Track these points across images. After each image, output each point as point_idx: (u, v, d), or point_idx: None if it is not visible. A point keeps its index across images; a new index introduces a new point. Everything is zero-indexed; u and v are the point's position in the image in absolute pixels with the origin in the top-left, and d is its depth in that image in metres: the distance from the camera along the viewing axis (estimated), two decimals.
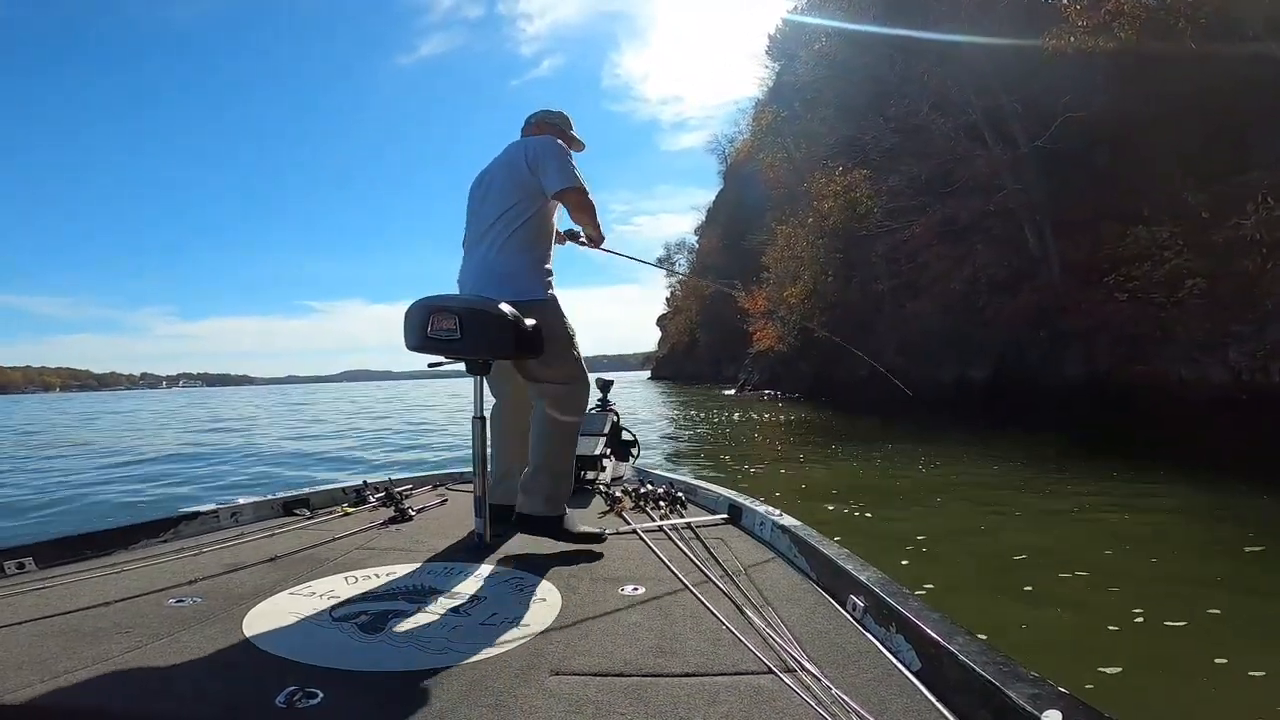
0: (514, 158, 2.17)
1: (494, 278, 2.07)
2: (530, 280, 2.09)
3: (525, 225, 2.11)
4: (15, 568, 1.72)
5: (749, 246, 34.02)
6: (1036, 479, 6.23)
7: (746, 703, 1.07)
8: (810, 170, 20.86)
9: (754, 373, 27.38)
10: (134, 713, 1.06)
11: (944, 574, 3.47)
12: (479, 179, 2.28)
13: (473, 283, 2.13)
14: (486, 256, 2.11)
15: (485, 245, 2.13)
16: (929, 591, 3.09)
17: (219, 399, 56.39)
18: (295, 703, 1.05)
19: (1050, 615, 2.92)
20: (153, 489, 7.33)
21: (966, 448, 8.44)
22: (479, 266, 2.14)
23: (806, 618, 1.43)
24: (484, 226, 2.15)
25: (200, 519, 2.23)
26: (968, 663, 1.03)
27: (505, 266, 2.08)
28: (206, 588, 1.61)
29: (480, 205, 2.21)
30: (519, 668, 1.21)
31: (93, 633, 1.33)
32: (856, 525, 4.52)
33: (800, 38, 22.39)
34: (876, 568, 1.52)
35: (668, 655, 1.26)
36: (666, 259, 65.75)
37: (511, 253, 2.09)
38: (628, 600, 1.57)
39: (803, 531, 1.86)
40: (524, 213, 2.11)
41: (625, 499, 2.54)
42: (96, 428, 19.80)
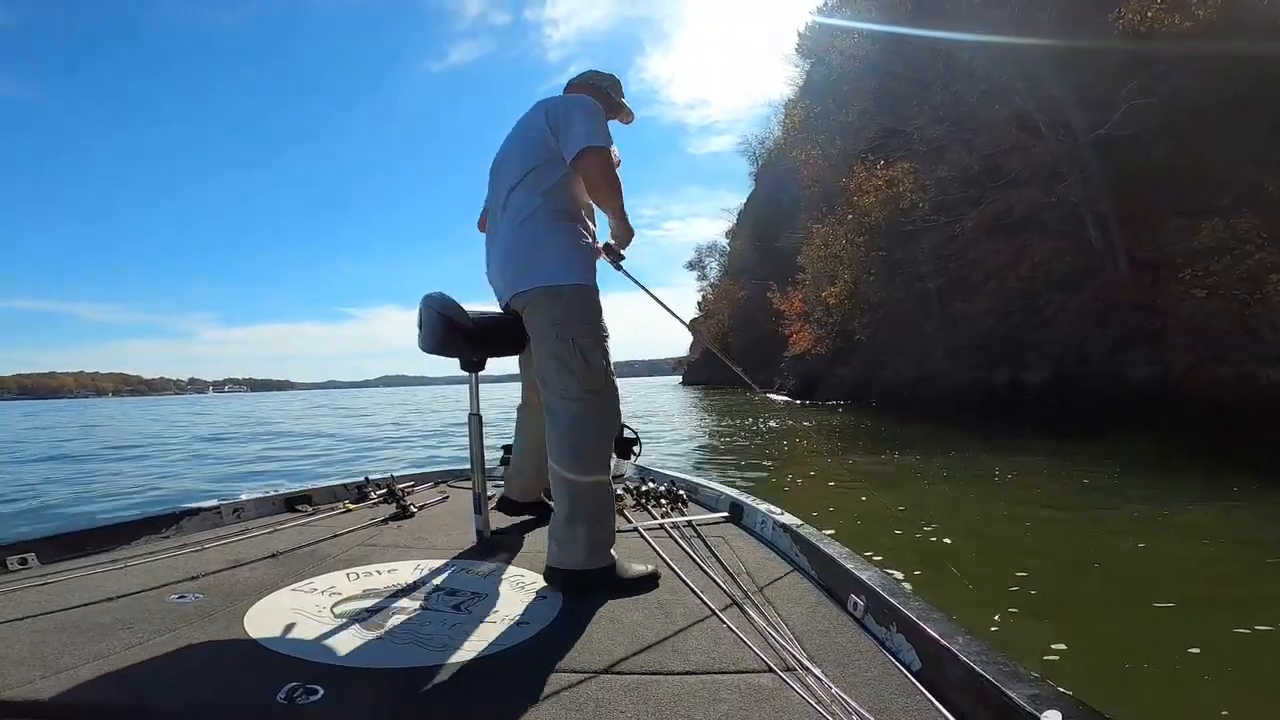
0: (534, 118, 1.82)
1: (512, 262, 1.77)
2: (551, 263, 1.71)
3: (548, 196, 1.75)
4: (18, 563, 1.73)
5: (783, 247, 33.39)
6: (1147, 495, 5.47)
7: (747, 701, 1.07)
8: (847, 166, 20.15)
9: (790, 377, 26.58)
10: (135, 708, 1.05)
11: (1080, 634, 2.67)
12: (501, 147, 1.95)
13: (496, 269, 1.84)
14: (504, 237, 1.80)
15: (504, 223, 1.81)
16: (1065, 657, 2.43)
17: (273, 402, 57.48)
18: (296, 699, 1.05)
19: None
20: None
21: (1041, 456, 7.61)
22: (500, 251, 1.83)
23: (807, 617, 1.43)
24: (500, 199, 1.84)
25: (202, 515, 2.23)
26: (968, 662, 1.03)
27: (522, 247, 1.75)
28: (208, 584, 1.61)
29: (496, 175, 1.90)
30: (520, 665, 1.21)
31: (94, 628, 1.33)
32: (935, 555, 3.90)
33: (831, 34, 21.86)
34: (876, 567, 1.51)
35: (669, 653, 1.25)
36: (698, 263, 65.66)
37: (532, 231, 1.75)
38: (629, 598, 1.55)
39: (804, 530, 1.85)
40: (544, 180, 1.75)
41: (627, 497, 2.51)
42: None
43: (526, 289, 1.70)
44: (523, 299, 1.72)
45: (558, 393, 1.66)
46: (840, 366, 21.40)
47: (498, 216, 1.84)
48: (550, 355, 1.67)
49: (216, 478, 8.63)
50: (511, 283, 1.75)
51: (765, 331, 32.81)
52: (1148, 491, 5.51)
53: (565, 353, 1.65)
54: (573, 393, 1.65)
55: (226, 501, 2.36)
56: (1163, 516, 4.63)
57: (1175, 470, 6.67)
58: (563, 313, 1.67)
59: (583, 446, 1.63)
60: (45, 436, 18.49)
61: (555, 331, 1.66)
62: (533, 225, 1.73)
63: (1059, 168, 13.18)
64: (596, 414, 1.67)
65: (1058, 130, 13.22)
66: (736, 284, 50.29)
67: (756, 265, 43.79)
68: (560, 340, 1.65)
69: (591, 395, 1.66)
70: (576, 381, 1.65)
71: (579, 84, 2.03)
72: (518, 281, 1.72)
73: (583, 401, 1.65)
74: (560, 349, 1.65)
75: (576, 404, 1.64)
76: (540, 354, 1.70)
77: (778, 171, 41.75)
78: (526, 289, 1.70)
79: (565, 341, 1.65)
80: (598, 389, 1.67)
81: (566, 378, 1.65)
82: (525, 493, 2.22)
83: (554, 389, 1.67)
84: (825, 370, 22.65)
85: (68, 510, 6.36)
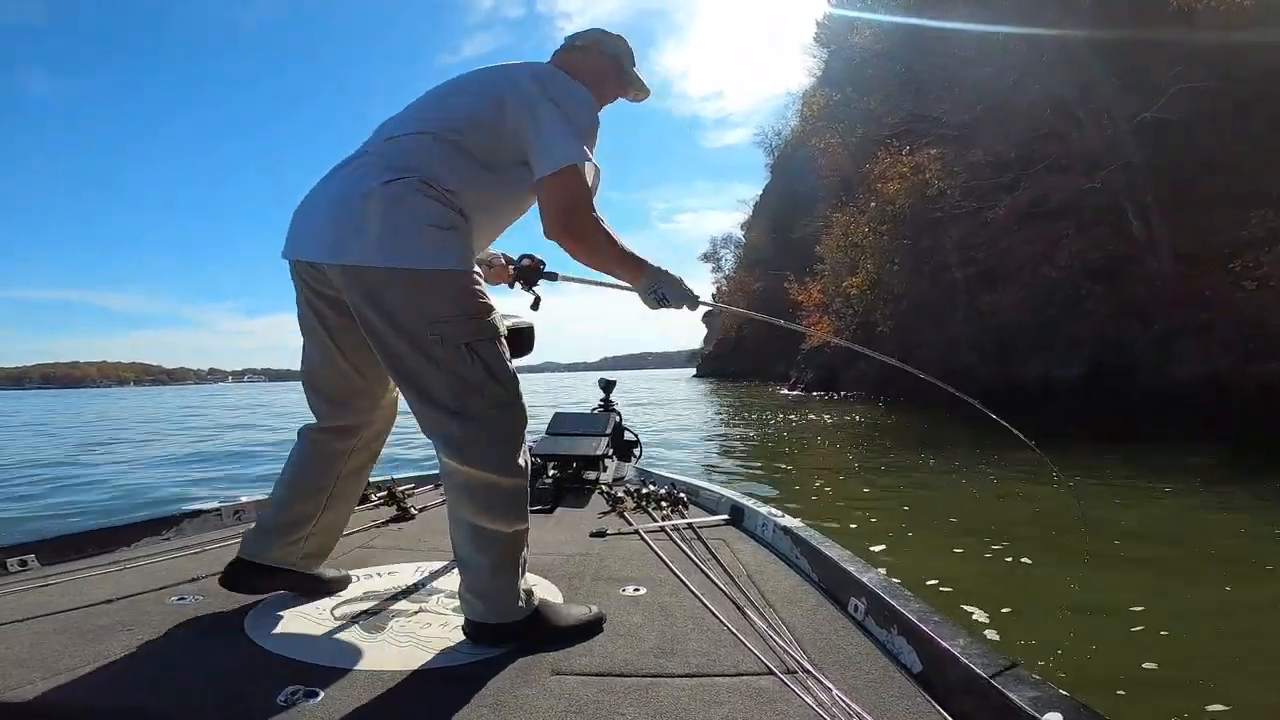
0: (516, 82, 1.35)
1: (356, 219, 1.27)
2: (423, 240, 1.27)
3: (460, 187, 1.32)
4: (17, 565, 1.72)
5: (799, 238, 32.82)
6: (1246, 503, 4.97)
7: (747, 704, 1.07)
8: (868, 154, 19.54)
9: (807, 370, 26.03)
10: (135, 710, 1.05)
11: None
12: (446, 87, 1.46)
13: (324, 215, 1.33)
14: (356, 181, 1.31)
15: (367, 164, 1.33)
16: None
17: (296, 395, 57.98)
18: (296, 701, 1.04)
19: None
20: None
21: (1095, 458, 7.07)
22: (337, 194, 1.33)
23: (808, 619, 1.43)
24: (389, 135, 1.37)
25: (202, 517, 2.23)
26: (969, 665, 1.03)
27: (378, 204, 1.26)
28: (208, 586, 1.58)
29: (415, 108, 1.42)
30: (520, 667, 1.20)
31: (94, 630, 1.32)
32: (1012, 577, 3.44)
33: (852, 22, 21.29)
34: (878, 570, 1.51)
35: (669, 656, 1.25)
36: (713, 255, 65.06)
37: (398, 195, 1.28)
38: (629, 601, 1.55)
39: (804, 533, 1.85)
40: (470, 167, 1.33)
41: (627, 499, 2.48)
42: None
43: (378, 265, 1.23)
44: (364, 277, 1.25)
45: (453, 409, 1.27)
46: (861, 360, 20.84)
47: (366, 150, 1.37)
48: (432, 363, 1.26)
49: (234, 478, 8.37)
50: (340, 244, 1.26)
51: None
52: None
53: (457, 361, 1.26)
54: (474, 410, 1.27)
55: (227, 504, 2.34)
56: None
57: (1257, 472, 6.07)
58: (446, 309, 1.26)
59: (505, 481, 1.28)
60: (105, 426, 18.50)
61: (439, 334, 1.25)
62: (397, 189, 1.26)
63: (1098, 154, 12.53)
64: (511, 432, 1.30)
65: (1099, 115, 12.57)
66: (752, 276, 49.74)
67: (773, 257, 43.22)
68: (446, 345, 1.25)
69: (500, 411, 1.29)
70: (479, 395, 1.28)
71: (582, 48, 1.54)
72: (358, 249, 1.24)
73: (490, 420, 1.28)
74: (447, 356, 1.26)
75: (482, 424, 1.27)
76: (413, 362, 1.28)
77: (795, 162, 41.24)
78: (378, 265, 1.23)
79: (454, 347, 1.26)
80: (507, 402, 1.30)
81: (465, 391, 1.27)
82: (311, 556, 1.54)
83: (443, 406, 1.27)
84: (845, 363, 22.11)
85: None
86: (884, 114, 18.63)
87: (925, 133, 16.01)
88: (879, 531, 4.21)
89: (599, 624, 1.38)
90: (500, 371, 1.31)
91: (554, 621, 1.33)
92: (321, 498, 1.49)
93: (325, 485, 1.49)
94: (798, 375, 26.76)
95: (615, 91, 1.60)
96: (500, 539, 1.28)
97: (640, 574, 1.75)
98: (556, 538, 2.14)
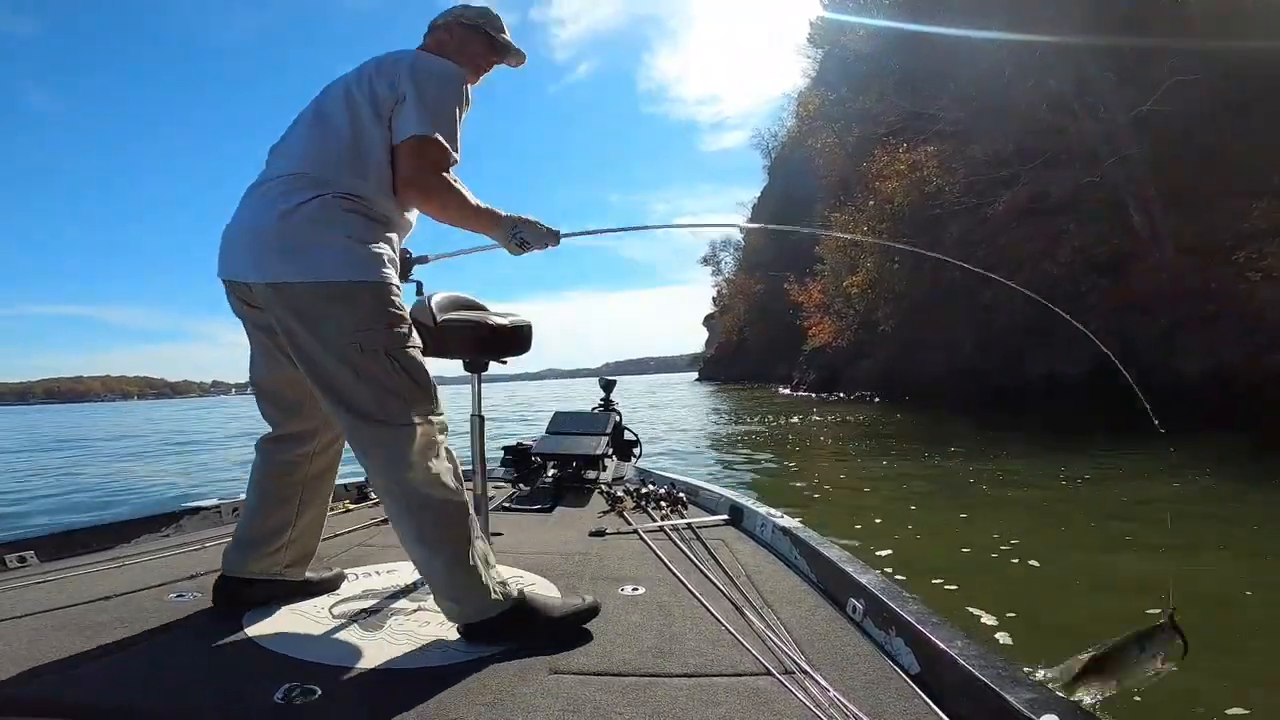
0: (366, 79, 1.40)
1: (270, 241, 1.34)
2: (334, 253, 1.32)
3: (355, 189, 1.37)
4: (17, 561, 1.73)
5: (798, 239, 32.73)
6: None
7: (745, 704, 1.06)
8: (865, 152, 19.45)
9: (809, 371, 25.91)
10: (133, 707, 1.05)
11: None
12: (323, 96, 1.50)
13: (242, 240, 1.39)
14: (263, 207, 1.37)
15: (272, 190, 1.38)
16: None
17: None
18: (293, 699, 1.04)
19: None
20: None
21: (1106, 459, 6.91)
22: (250, 219, 1.40)
23: (806, 620, 1.42)
24: (282, 162, 1.42)
25: (202, 514, 2.22)
26: (966, 666, 1.03)
27: (291, 225, 1.33)
28: (207, 583, 1.57)
29: (298, 127, 1.46)
30: (518, 666, 1.20)
31: (93, 627, 1.32)
32: (1017, 577, 3.33)
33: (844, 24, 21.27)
34: (876, 571, 1.50)
35: (667, 656, 1.24)
36: (712, 258, 64.88)
37: (310, 213, 1.35)
38: (628, 600, 1.54)
39: (803, 533, 1.84)
40: (356, 168, 1.37)
41: (626, 499, 2.48)
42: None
43: (295, 280, 1.28)
44: (286, 293, 1.30)
45: (378, 417, 1.30)
46: (863, 359, 20.73)
47: (277, 173, 1.39)
48: (353, 372, 1.29)
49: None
50: (262, 264, 1.31)
51: (783, 324, 32.14)
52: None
53: (378, 368, 1.30)
54: (397, 417, 1.30)
55: (226, 500, 2.34)
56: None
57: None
58: (364, 318, 1.29)
59: (433, 480, 1.30)
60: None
61: (358, 342, 1.28)
62: (313, 209, 1.31)
63: (1096, 148, 12.41)
64: (435, 438, 1.34)
65: (1096, 109, 12.47)
66: (752, 278, 49.62)
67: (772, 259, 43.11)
68: (367, 353, 1.29)
69: (421, 418, 1.32)
70: (401, 401, 1.31)
71: (443, 25, 1.58)
72: (279, 267, 1.29)
73: (413, 427, 1.30)
74: (368, 363, 1.29)
75: (407, 430, 1.30)
76: (336, 373, 1.30)
77: (792, 163, 41.15)
78: (295, 280, 1.28)
79: (374, 354, 1.30)
80: (428, 408, 1.34)
81: (386, 398, 1.30)
82: (295, 563, 1.55)
83: (367, 415, 1.30)
84: (847, 363, 21.99)
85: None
86: (880, 112, 18.52)
87: (922, 130, 15.90)
88: (884, 533, 4.09)
89: (592, 613, 1.37)
90: (422, 379, 1.34)
91: (546, 612, 1.33)
92: (291, 507, 1.49)
93: (291, 495, 1.49)
94: (800, 376, 26.64)
95: (487, 58, 1.62)
96: (444, 539, 1.29)
97: (639, 573, 1.74)
98: (556, 536, 2.14)
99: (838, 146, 24.55)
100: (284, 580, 1.53)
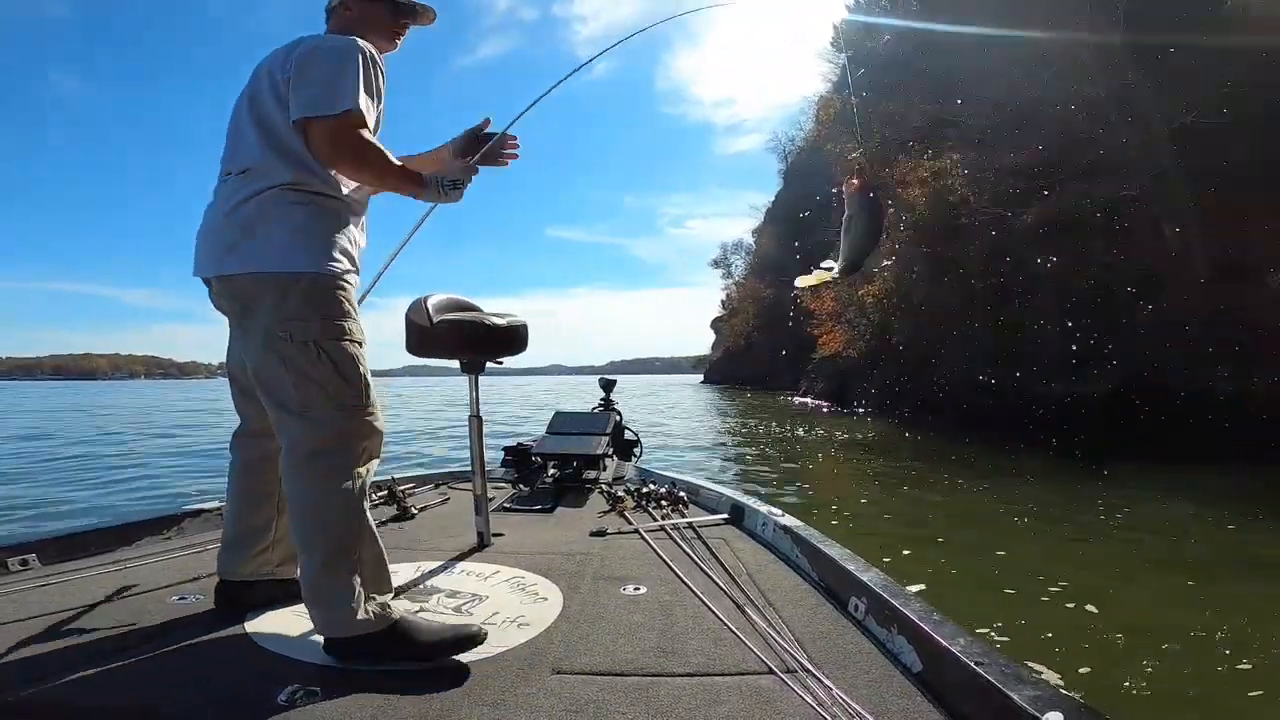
0: (262, 79, 1.41)
1: (221, 235, 1.39)
2: (276, 242, 1.34)
3: (293, 176, 1.37)
4: (19, 564, 1.73)
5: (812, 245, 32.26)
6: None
7: (748, 703, 1.07)
8: (886, 159, 18.97)
9: (818, 380, 25.46)
10: (136, 709, 1.05)
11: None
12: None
13: (202, 239, 1.44)
14: (220, 206, 1.41)
15: (224, 190, 1.42)
16: None
17: None
18: (296, 700, 1.05)
19: None
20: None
21: (1144, 489, 6.45)
22: (211, 220, 1.44)
23: (808, 619, 1.42)
24: (229, 167, 1.44)
25: (204, 516, 2.24)
26: (969, 664, 1.02)
27: (239, 220, 1.36)
28: (209, 585, 1.56)
29: (234, 132, 1.46)
30: (520, 667, 1.20)
31: (95, 630, 1.32)
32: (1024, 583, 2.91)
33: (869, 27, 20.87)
34: (878, 569, 1.49)
35: (669, 655, 1.24)
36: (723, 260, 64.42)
37: (257, 204, 1.37)
38: (629, 600, 1.54)
39: (805, 532, 1.83)
40: (281, 162, 1.36)
41: (627, 498, 2.47)
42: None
43: (237, 272, 1.34)
44: (230, 284, 1.37)
45: (295, 409, 1.31)
46: (875, 371, 20.25)
47: (221, 177, 1.43)
48: (280, 362, 1.31)
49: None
50: (216, 259, 1.37)
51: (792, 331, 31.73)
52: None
53: (304, 359, 1.31)
54: (317, 410, 1.31)
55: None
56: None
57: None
58: (296, 308, 1.31)
59: (337, 483, 1.29)
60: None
61: (288, 332, 1.30)
62: (260, 201, 1.34)
63: (1133, 161, 11.94)
64: (353, 436, 1.34)
65: (1134, 120, 12.00)
66: (763, 282, 49.15)
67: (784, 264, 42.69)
68: (295, 343, 1.30)
69: (343, 415, 1.33)
70: (323, 394, 1.31)
71: (342, 2, 1.52)
72: (224, 259, 1.35)
73: (331, 423, 1.31)
74: (295, 354, 1.30)
75: (325, 423, 1.31)
76: (265, 362, 1.33)
77: (808, 168, 40.67)
78: (237, 272, 1.34)
79: (302, 344, 1.31)
80: (353, 405, 1.34)
81: (309, 389, 1.31)
82: (285, 561, 1.55)
83: (289, 404, 1.31)
84: (858, 374, 21.52)
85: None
86: (903, 117, 18.06)
87: (947, 137, 15.45)
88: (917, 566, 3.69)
89: (474, 640, 1.27)
90: (349, 373, 1.32)
91: (422, 636, 1.28)
92: (271, 504, 1.50)
93: (270, 490, 1.49)
94: (808, 385, 26.19)
95: (397, 22, 1.57)
96: (321, 543, 1.26)
97: (640, 573, 1.74)
98: (557, 537, 2.13)
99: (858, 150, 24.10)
100: (278, 579, 1.52)
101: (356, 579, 1.26)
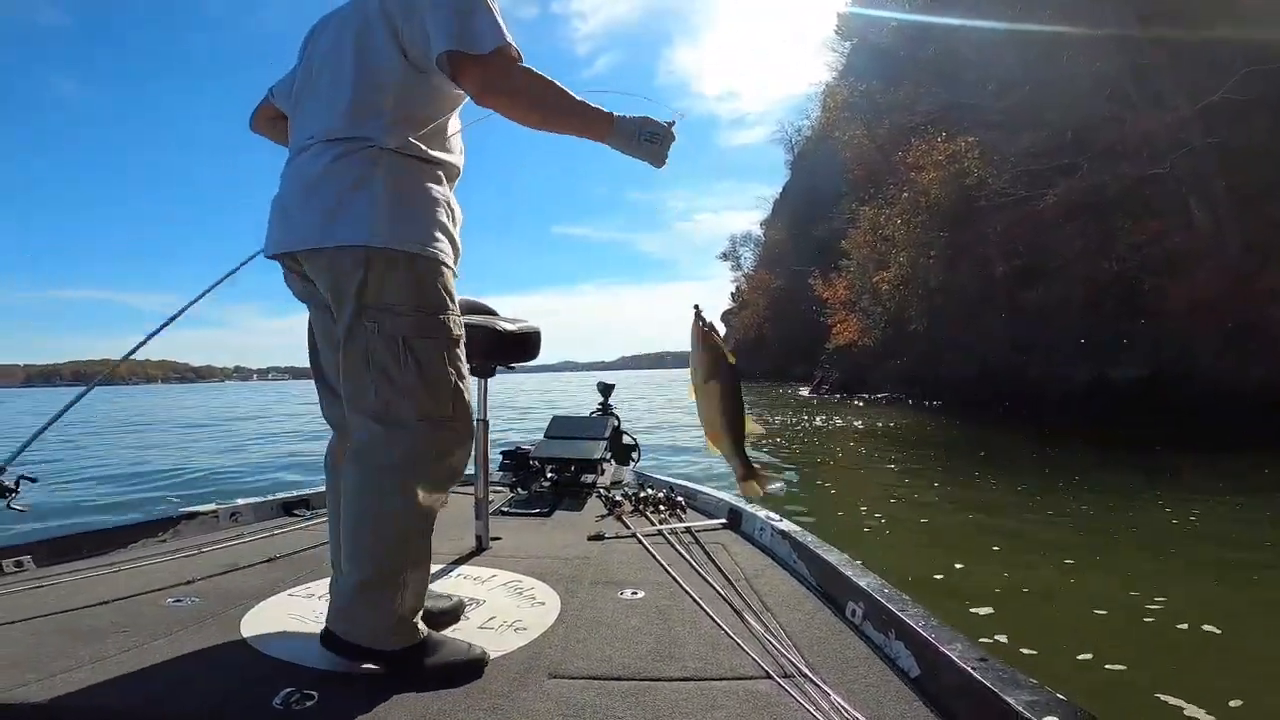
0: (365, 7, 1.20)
1: (311, 200, 1.17)
2: (373, 212, 1.14)
3: (392, 133, 1.17)
4: (13, 566, 1.72)
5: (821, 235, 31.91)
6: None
7: (745, 708, 1.07)
8: (896, 144, 18.60)
9: (832, 370, 25.14)
10: (130, 712, 1.05)
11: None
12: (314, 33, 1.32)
13: (282, 207, 1.24)
14: (305, 167, 1.20)
15: (309, 155, 1.20)
16: None
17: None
18: (292, 704, 1.05)
19: None
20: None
21: (1195, 480, 6.09)
22: (293, 184, 1.23)
23: (805, 623, 1.42)
24: (308, 124, 1.24)
25: (199, 519, 2.22)
26: (966, 669, 1.02)
27: (331, 183, 1.16)
28: (204, 588, 1.58)
29: (309, 78, 1.27)
30: (517, 671, 1.19)
31: (90, 632, 1.33)
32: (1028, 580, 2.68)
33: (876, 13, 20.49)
34: (876, 573, 1.49)
35: (666, 660, 1.24)
36: (732, 253, 63.99)
37: (348, 166, 1.16)
38: (626, 604, 1.54)
39: (802, 537, 1.83)
40: (386, 111, 1.18)
41: (625, 503, 2.46)
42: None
43: (326, 245, 1.15)
44: (318, 261, 1.17)
45: (372, 414, 1.15)
46: (890, 359, 19.93)
47: (299, 142, 1.24)
48: (363, 357, 1.14)
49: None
50: (299, 230, 1.18)
51: (805, 321, 31.37)
52: None
53: (388, 358, 1.14)
54: (398, 417, 1.15)
55: (224, 506, 2.35)
56: None
57: None
58: (387, 294, 1.14)
59: (401, 504, 1.15)
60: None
61: (377, 323, 1.13)
62: (352, 161, 1.16)
63: (1159, 140, 11.54)
64: (429, 454, 1.17)
65: (1160, 98, 11.59)
66: (772, 274, 48.77)
67: (794, 254, 42.29)
68: (383, 338, 1.14)
69: (425, 427, 1.16)
70: (406, 400, 1.15)
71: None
72: (310, 232, 1.16)
73: (414, 432, 1.15)
74: (380, 350, 1.14)
75: (404, 435, 1.15)
76: (346, 355, 1.16)
77: (816, 158, 40.26)
78: (326, 245, 1.15)
79: (390, 340, 1.14)
80: (441, 416, 1.17)
81: (389, 394, 1.14)
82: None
83: (366, 408, 1.16)
84: (873, 363, 21.21)
85: None
86: (914, 102, 17.68)
87: (961, 120, 15.08)
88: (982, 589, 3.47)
89: (471, 668, 1.19)
90: (436, 380, 1.16)
91: (436, 658, 1.18)
92: None
93: None
94: (822, 376, 25.88)
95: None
96: (383, 560, 1.14)
97: (638, 577, 1.73)
98: (554, 540, 2.11)
99: (867, 139, 23.69)
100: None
101: (395, 603, 1.15)
